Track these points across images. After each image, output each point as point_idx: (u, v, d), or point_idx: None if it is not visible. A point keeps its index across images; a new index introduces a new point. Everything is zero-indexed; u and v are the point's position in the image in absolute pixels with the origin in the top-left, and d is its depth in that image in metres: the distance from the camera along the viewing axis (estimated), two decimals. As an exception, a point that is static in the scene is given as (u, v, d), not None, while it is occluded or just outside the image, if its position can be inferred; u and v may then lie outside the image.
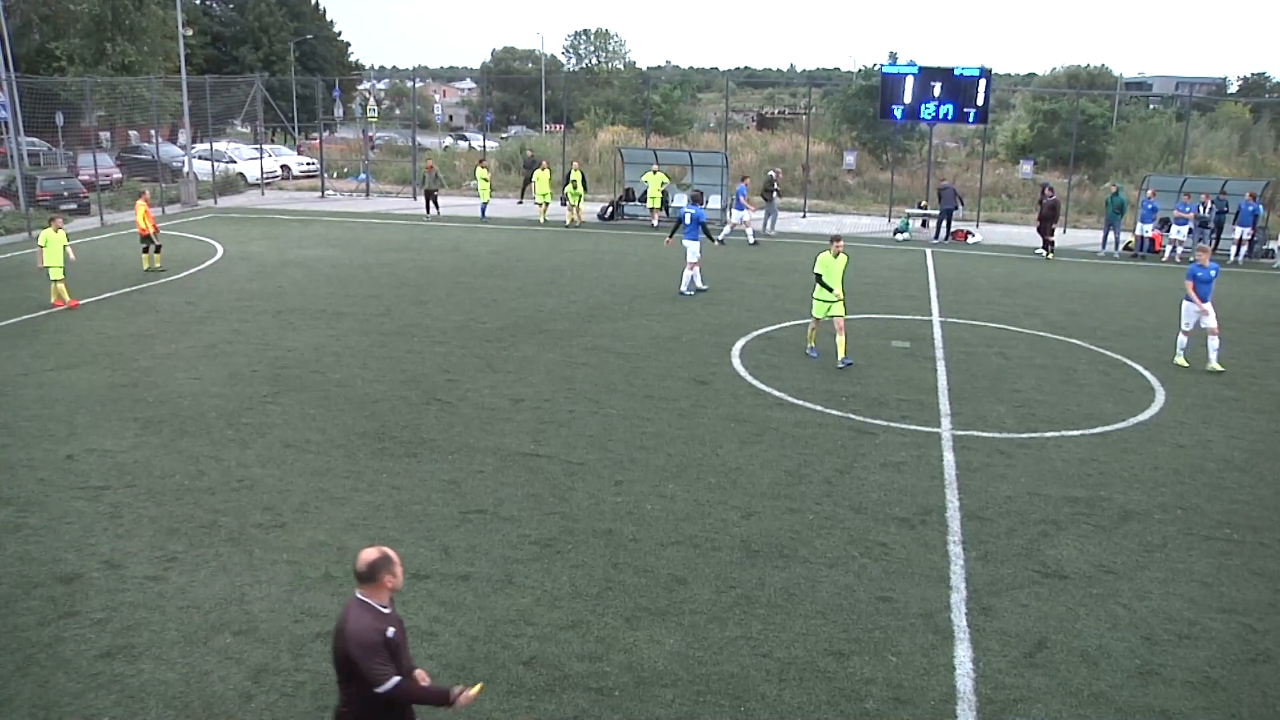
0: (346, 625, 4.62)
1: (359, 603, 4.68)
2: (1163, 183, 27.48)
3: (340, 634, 4.64)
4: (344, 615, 4.67)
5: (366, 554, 4.73)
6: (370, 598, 4.68)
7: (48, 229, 17.91)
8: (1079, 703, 6.69)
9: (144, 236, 21.19)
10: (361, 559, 4.71)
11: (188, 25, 39.37)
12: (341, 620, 4.66)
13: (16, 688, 6.64)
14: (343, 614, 4.69)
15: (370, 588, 4.69)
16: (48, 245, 17.63)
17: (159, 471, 10.27)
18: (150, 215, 21.49)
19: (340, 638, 4.63)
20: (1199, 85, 73.56)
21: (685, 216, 19.35)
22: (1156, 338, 16.88)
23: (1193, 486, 10.41)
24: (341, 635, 4.63)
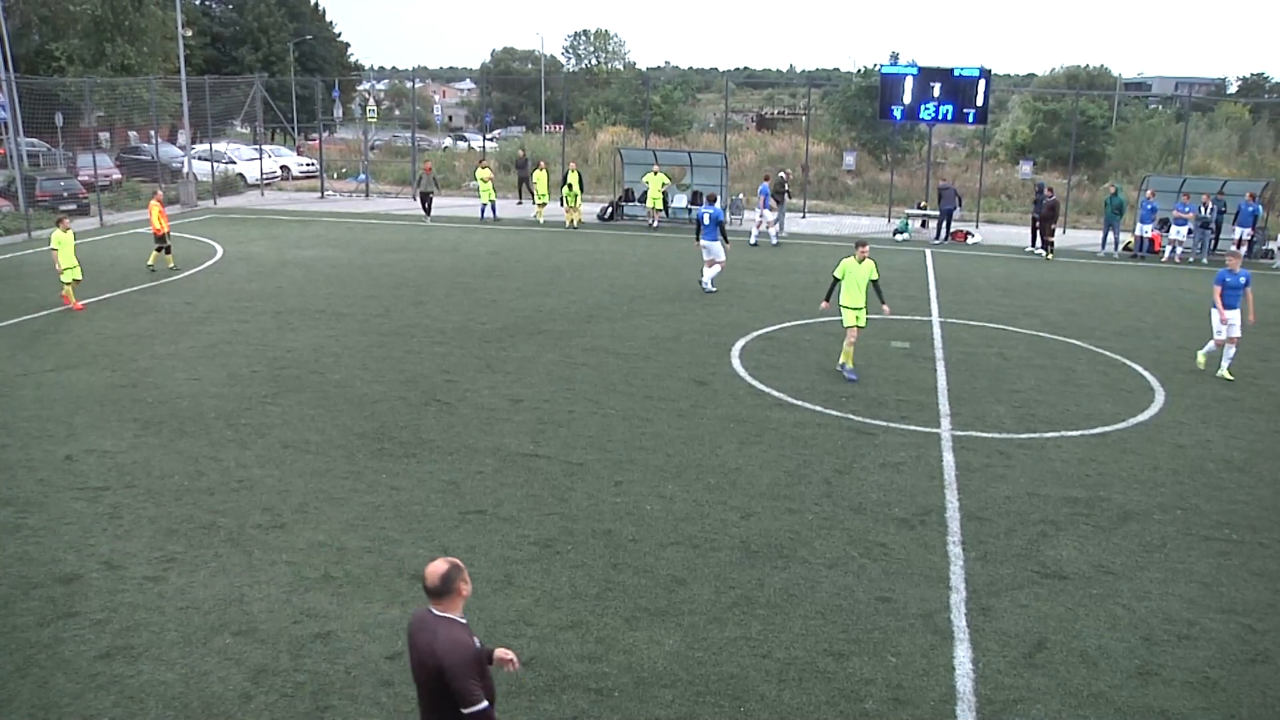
0: (436, 643, 4.44)
1: (439, 618, 4.51)
2: (1162, 183, 27.48)
3: (429, 653, 4.45)
4: (425, 632, 4.50)
5: (436, 567, 4.55)
6: (448, 611, 4.53)
7: (56, 230, 17.56)
8: (1078, 703, 6.69)
9: (159, 236, 21.20)
10: (432, 573, 4.53)
11: (187, 26, 39.35)
12: (426, 638, 4.48)
13: (16, 688, 6.64)
14: (419, 631, 4.54)
15: (446, 601, 4.53)
16: (62, 247, 17.27)
17: (158, 472, 10.27)
18: (165, 214, 21.53)
19: (429, 656, 4.44)
20: (1198, 85, 73.60)
21: (704, 217, 19.55)
22: (1156, 338, 16.88)
23: (1192, 487, 10.41)
24: (431, 654, 4.43)
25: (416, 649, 4.55)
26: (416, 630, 4.59)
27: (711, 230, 19.56)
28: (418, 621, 4.61)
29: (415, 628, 4.61)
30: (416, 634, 4.58)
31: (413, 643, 4.58)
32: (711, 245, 19.65)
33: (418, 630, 4.58)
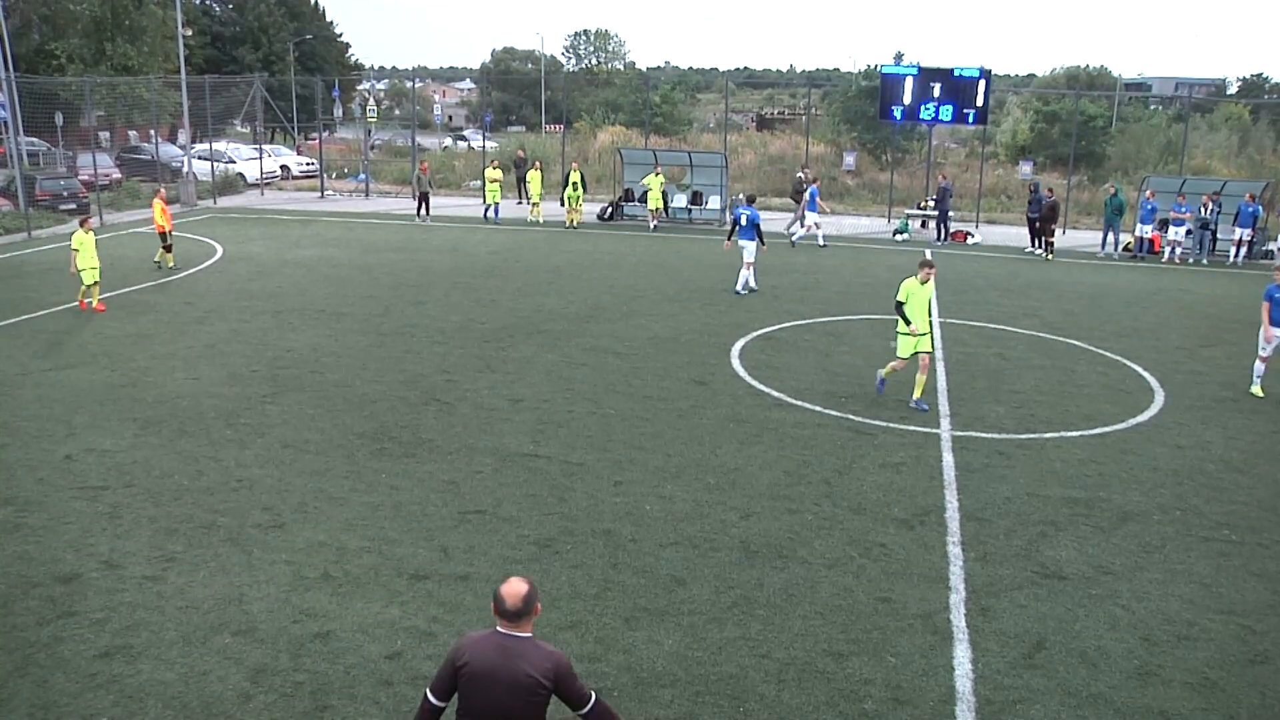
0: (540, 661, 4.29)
1: (524, 640, 4.33)
2: (1162, 184, 27.49)
3: (527, 675, 4.27)
4: (514, 658, 4.28)
5: (517, 588, 4.33)
6: (527, 632, 4.35)
7: (79, 231, 17.32)
8: (1078, 703, 6.69)
9: (162, 234, 21.19)
10: (514, 594, 4.30)
11: (187, 25, 39.36)
12: (519, 664, 4.27)
13: (15, 688, 6.63)
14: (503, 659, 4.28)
15: (526, 622, 4.35)
16: (83, 248, 17.04)
17: (158, 472, 10.27)
18: (168, 213, 21.51)
19: (529, 678, 4.27)
20: (1198, 86, 73.58)
21: (741, 218, 19.42)
22: (1156, 339, 16.89)
23: (1191, 487, 10.41)
24: (533, 675, 4.27)
25: (509, 678, 4.26)
26: (498, 659, 4.28)
27: (749, 231, 19.40)
28: (494, 650, 4.30)
29: (493, 657, 4.29)
30: (500, 663, 4.27)
31: (494, 673, 4.26)
32: (749, 245, 19.47)
33: (499, 658, 4.28)
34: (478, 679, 4.30)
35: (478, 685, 4.30)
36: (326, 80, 49.46)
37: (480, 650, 4.33)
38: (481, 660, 4.30)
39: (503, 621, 4.36)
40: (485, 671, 4.29)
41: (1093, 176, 40.92)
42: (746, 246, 19.54)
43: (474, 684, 4.30)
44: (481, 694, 4.31)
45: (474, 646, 4.35)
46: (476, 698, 4.32)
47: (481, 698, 4.31)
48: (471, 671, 4.30)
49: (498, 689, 4.28)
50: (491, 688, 4.29)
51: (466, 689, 4.33)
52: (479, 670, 4.29)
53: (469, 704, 4.35)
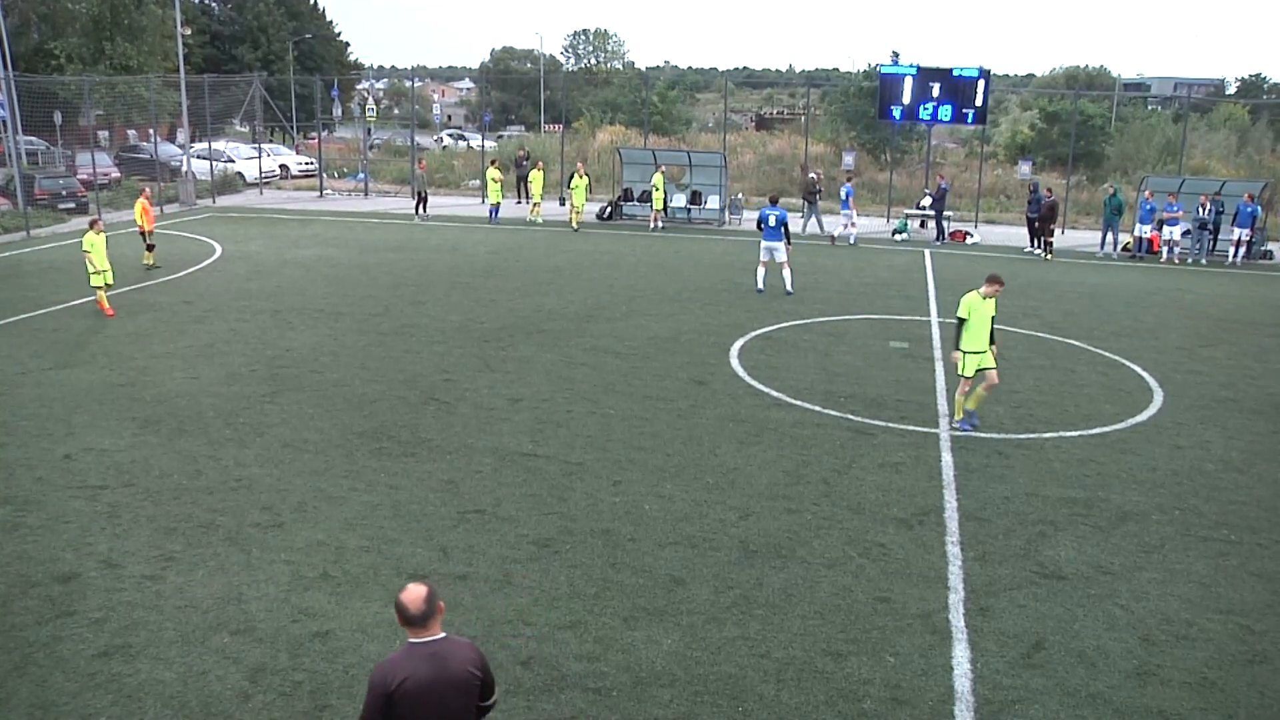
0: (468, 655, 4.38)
1: (444, 641, 4.37)
2: (1161, 184, 27.50)
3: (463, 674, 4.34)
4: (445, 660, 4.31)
5: (418, 592, 4.32)
6: (441, 632, 4.39)
7: (90, 232, 16.90)
8: (1077, 703, 6.69)
9: (142, 234, 21.17)
10: (416, 598, 4.29)
11: (186, 24, 39.34)
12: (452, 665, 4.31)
13: (14, 687, 6.63)
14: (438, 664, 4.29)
15: (436, 622, 4.37)
16: (94, 249, 16.64)
17: (157, 471, 10.26)
18: (149, 212, 21.39)
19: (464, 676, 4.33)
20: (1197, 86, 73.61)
21: (769, 218, 19.20)
22: (1155, 339, 16.89)
23: (1191, 487, 10.42)
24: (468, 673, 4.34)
25: (448, 683, 4.29)
26: (430, 669, 4.27)
27: (776, 231, 19.20)
28: (421, 662, 4.28)
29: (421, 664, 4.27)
30: (434, 672, 4.26)
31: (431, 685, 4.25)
32: (777, 246, 19.30)
33: (431, 667, 4.27)
34: (418, 695, 4.23)
35: (419, 701, 4.24)
36: (325, 79, 49.44)
37: (409, 668, 4.26)
38: (416, 677, 4.24)
39: (414, 631, 4.32)
40: (424, 685, 4.24)
41: (1092, 176, 40.95)
42: (776, 247, 19.33)
43: (414, 701, 4.23)
44: (425, 708, 4.25)
45: (401, 667, 4.26)
46: (416, 711, 4.24)
47: (422, 708, 4.25)
48: (407, 691, 4.22)
49: (440, 697, 4.27)
50: (433, 699, 4.25)
51: (407, 709, 4.24)
52: (417, 687, 4.23)
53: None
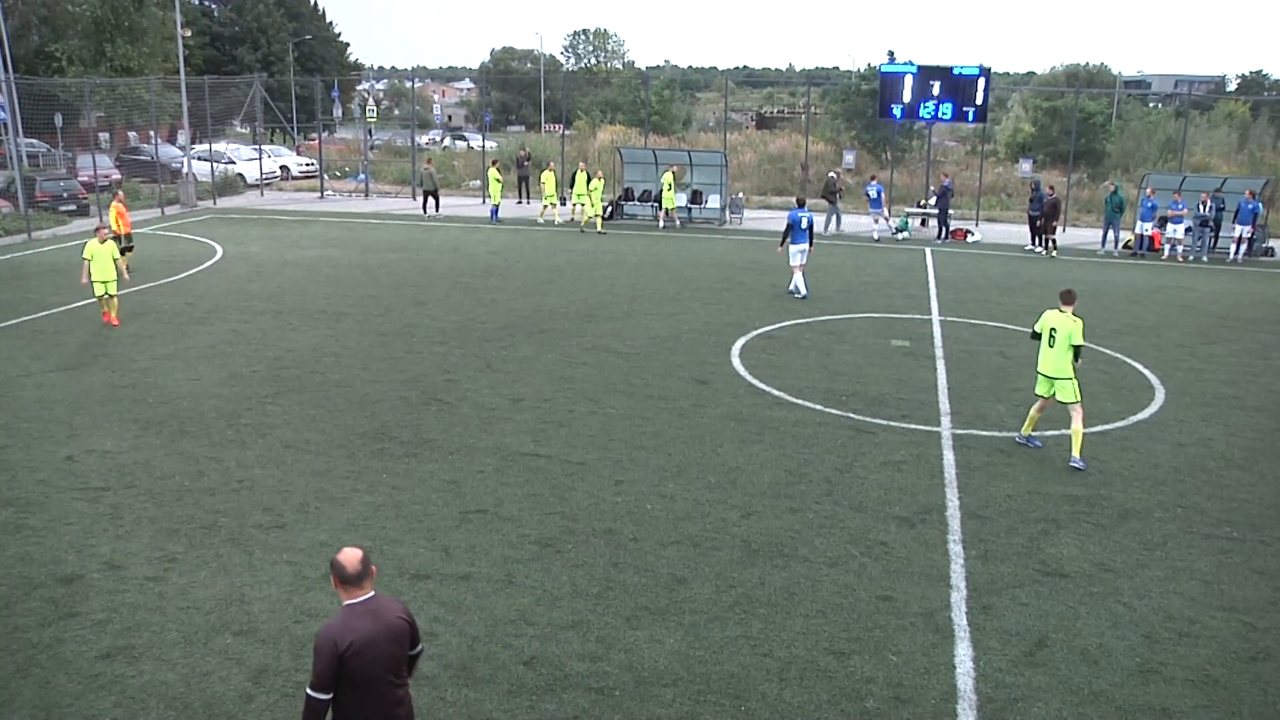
0: (402, 614, 4.78)
1: (376, 599, 4.75)
2: (1162, 181, 27.48)
3: (400, 627, 4.74)
4: (381, 616, 4.70)
5: (354, 554, 4.73)
6: (372, 591, 4.76)
7: (92, 240, 16.38)
8: (1079, 701, 6.69)
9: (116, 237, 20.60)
10: (353, 560, 4.69)
11: (186, 26, 39.34)
12: (384, 621, 4.69)
13: (17, 689, 6.64)
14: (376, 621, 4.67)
15: (369, 582, 4.76)
16: (95, 258, 16.11)
17: (159, 472, 10.27)
18: (125, 216, 20.96)
19: (401, 629, 4.74)
20: (1198, 83, 73.56)
21: (800, 220, 18.98)
22: (1156, 336, 16.88)
23: (1193, 485, 10.41)
24: (403, 626, 4.75)
25: (387, 634, 4.67)
26: (371, 624, 4.65)
27: (805, 234, 18.98)
28: (362, 619, 4.65)
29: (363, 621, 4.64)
30: (375, 627, 4.65)
31: (375, 638, 4.63)
32: (805, 249, 19.06)
33: (372, 623, 4.65)
34: (367, 650, 4.60)
35: (367, 655, 4.60)
36: (326, 80, 49.44)
37: (354, 627, 4.61)
38: (361, 633, 4.60)
39: (349, 591, 4.70)
40: (369, 640, 4.61)
41: (1093, 174, 40.93)
42: (804, 250, 19.09)
43: (363, 657, 4.59)
44: (373, 661, 4.62)
45: (347, 628, 4.60)
46: (367, 664, 4.61)
47: (372, 662, 4.62)
48: (358, 648, 4.57)
49: (385, 648, 4.67)
50: (378, 651, 4.64)
51: (357, 666, 4.58)
52: (364, 643, 4.59)
53: (363, 675, 4.61)
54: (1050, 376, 10.82)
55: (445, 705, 6.53)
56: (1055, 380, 10.78)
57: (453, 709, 6.50)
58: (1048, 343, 10.80)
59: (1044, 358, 10.89)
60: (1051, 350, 10.76)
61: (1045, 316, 10.94)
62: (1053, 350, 10.74)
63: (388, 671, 4.69)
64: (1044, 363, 10.89)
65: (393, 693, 4.74)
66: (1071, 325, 10.64)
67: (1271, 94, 71.42)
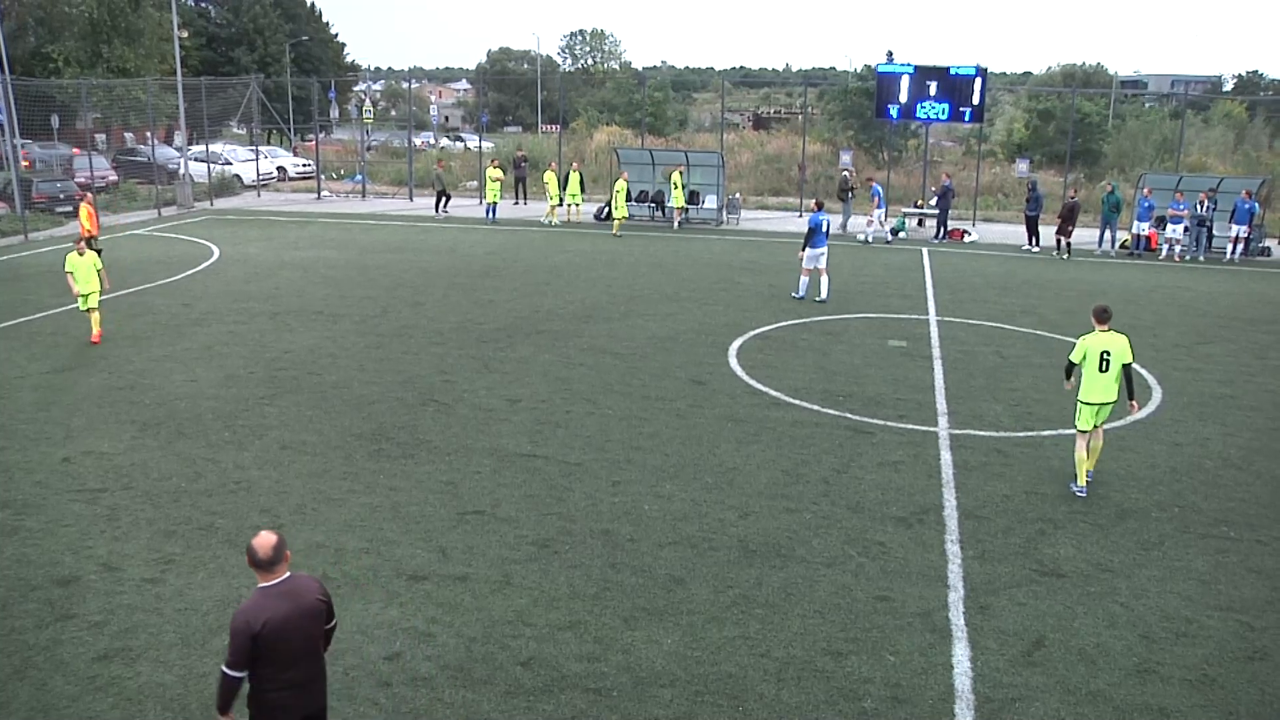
0: (316, 593, 5.06)
1: (293, 578, 5.02)
2: (1159, 181, 27.51)
3: (316, 603, 5.04)
4: (296, 596, 4.96)
5: (268, 538, 4.95)
6: (288, 572, 5.03)
7: (72, 254, 15.43)
8: (1077, 701, 6.69)
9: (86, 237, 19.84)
10: (267, 544, 4.92)
11: (183, 27, 39.37)
12: (303, 600, 4.97)
13: (14, 691, 6.63)
14: (290, 601, 4.93)
15: (284, 564, 5.00)
16: (77, 270, 15.22)
17: (156, 474, 10.26)
18: (94, 218, 20.79)
19: (319, 605, 5.05)
20: (1194, 83, 73.68)
21: (822, 224, 18.68)
22: (1153, 336, 16.90)
23: (1190, 484, 10.42)
24: (320, 602, 5.06)
25: (303, 614, 4.95)
26: (287, 605, 4.89)
27: (824, 237, 18.75)
28: (277, 601, 4.88)
29: (277, 602, 4.88)
30: (290, 607, 4.89)
31: (289, 619, 4.88)
32: (824, 252, 18.79)
33: (282, 602, 4.88)
34: (282, 630, 4.85)
35: (283, 635, 4.85)
36: (322, 81, 49.35)
37: (269, 608, 4.85)
38: (276, 614, 4.84)
39: (265, 574, 4.94)
40: (283, 620, 4.85)
41: (1089, 174, 40.96)
42: (824, 253, 18.87)
43: (279, 636, 4.84)
44: (288, 639, 4.88)
45: (260, 609, 4.84)
46: (284, 645, 4.87)
47: (287, 640, 4.88)
48: (274, 627, 4.82)
49: (300, 626, 4.93)
50: (293, 630, 4.89)
51: (273, 644, 4.83)
52: (279, 623, 4.84)
53: (279, 654, 4.87)
54: (1101, 403, 9.96)
55: (443, 706, 6.53)
56: (1104, 406, 10.00)
57: (450, 710, 6.50)
58: (1098, 368, 9.85)
59: (1094, 385, 9.89)
60: (1104, 375, 9.85)
61: (1088, 342, 9.96)
62: (1105, 375, 9.85)
63: (304, 648, 4.97)
64: (1094, 390, 9.89)
65: (311, 668, 5.05)
66: (1122, 342, 9.92)
67: (1268, 94, 71.54)
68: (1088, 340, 9.97)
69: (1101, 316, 10.03)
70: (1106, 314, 10.05)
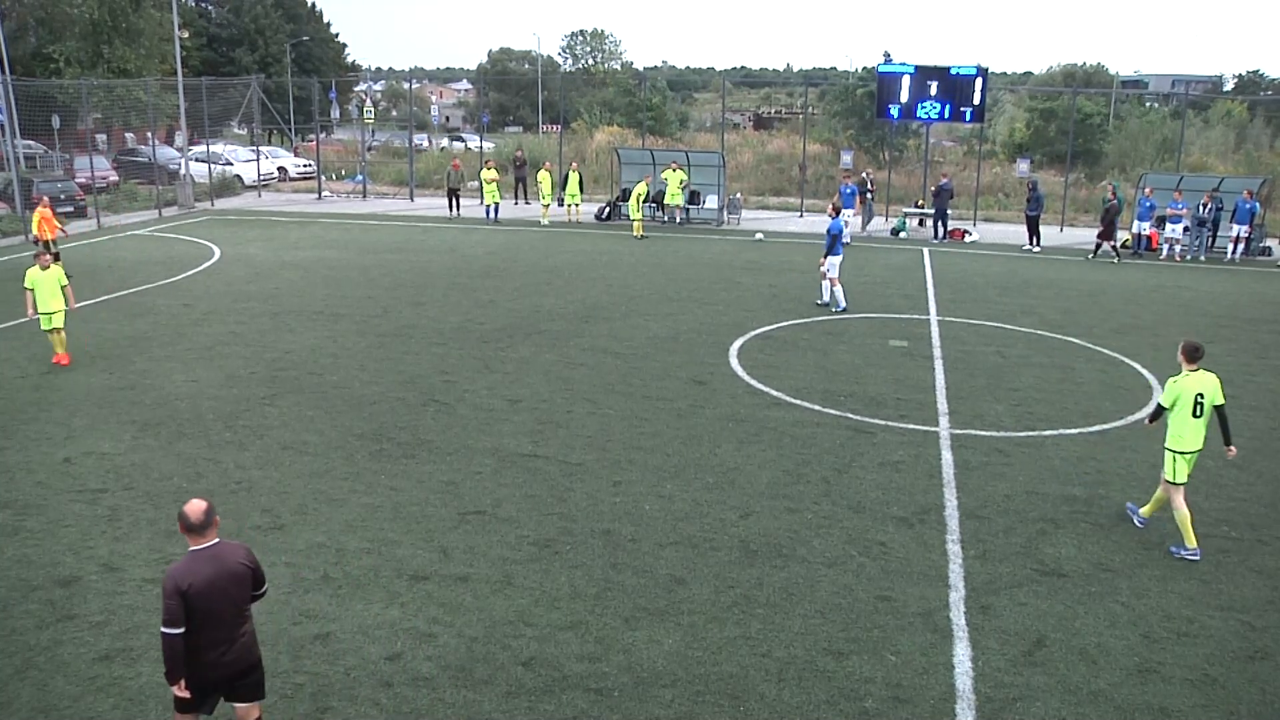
0: (241, 557, 5.34)
1: (218, 544, 5.30)
2: (1159, 181, 27.49)
3: (239, 568, 5.31)
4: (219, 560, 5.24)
5: (198, 505, 5.27)
6: (216, 539, 5.33)
7: (33, 269, 14.17)
8: (1078, 700, 6.69)
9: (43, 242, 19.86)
10: (197, 510, 5.23)
11: (184, 27, 39.38)
12: (226, 564, 5.26)
13: (15, 691, 6.63)
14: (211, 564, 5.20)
15: (214, 530, 5.31)
16: (37, 288, 13.99)
17: (157, 474, 10.26)
18: (50, 222, 20.58)
19: (241, 569, 5.32)
20: (1195, 83, 73.72)
21: (843, 230, 18.03)
22: (1154, 335, 16.89)
23: (1190, 484, 10.38)
24: (242, 566, 5.33)
25: (228, 576, 5.24)
26: (211, 567, 5.20)
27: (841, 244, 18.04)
28: (203, 563, 5.20)
29: (204, 565, 5.19)
30: (214, 569, 5.20)
31: (213, 579, 5.18)
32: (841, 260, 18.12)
33: (208, 565, 5.20)
34: (206, 590, 5.16)
35: (207, 595, 5.16)
36: (323, 81, 49.39)
37: (194, 570, 5.18)
38: (201, 576, 5.16)
39: (194, 539, 5.26)
40: (208, 580, 5.17)
41: (1090, 174, 40.96)
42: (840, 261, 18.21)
43: (204, 596, 5.15)
44: (212, 600, 5.18)
45: (187, 571, 5.17)
46: (208, 605, 5.17)
47: (212, 601, 5.18)
48: (197, 588, 5.13)
49: (224, 589, 5.23)
50: (219, 591, 5.20)
51: (199, 604, 5.14)
52: (204, 583, 5.15)
53: (204, 615, 5.17)
54: (1196, 451, 8.83)
55: (444, 706, 6.53)
56: (1197, 454, 8.89)
57: (451, 710, 6.50)
58: (1192, 412, 8.73)
59: (1187, 431, 8.76)
60: (1197, 420, 8.74)
61: (1180, 385, 8.80)
62: (1199, 420, 8.74)
63: (229, 609, 5.27)
64: (1188, 437, 8.76)
65: (232, 631, 5.33)
66: (1214, 383, 8.82)
67: (1268, 94, 71.53)
68: (1180, 383, 8.81)
69: (1192, 356, 8.85)
70: (1198, 353, 8.87)
